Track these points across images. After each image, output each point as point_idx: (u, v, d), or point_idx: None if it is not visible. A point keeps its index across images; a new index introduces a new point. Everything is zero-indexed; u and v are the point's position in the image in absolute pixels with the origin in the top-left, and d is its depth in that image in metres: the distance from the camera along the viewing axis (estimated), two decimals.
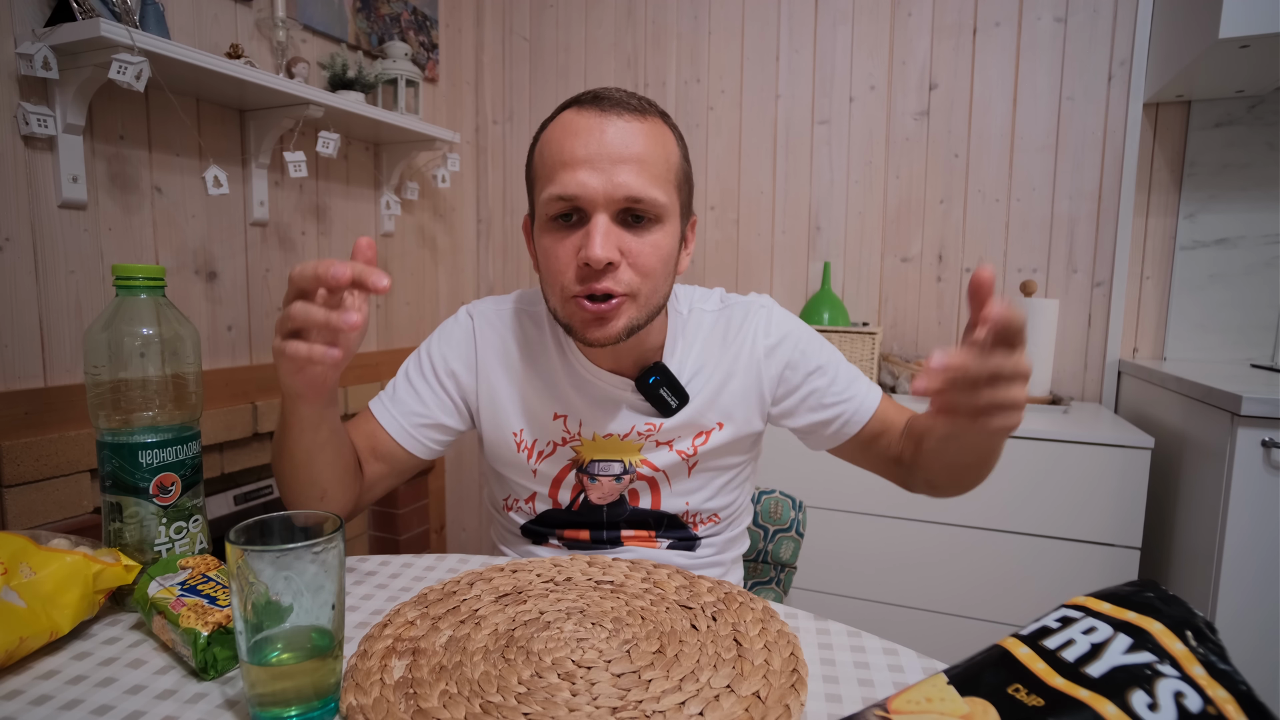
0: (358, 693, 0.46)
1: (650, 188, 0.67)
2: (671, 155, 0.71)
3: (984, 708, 0.32)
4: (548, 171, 0.69)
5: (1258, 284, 1.57)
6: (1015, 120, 1.70)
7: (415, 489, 2.04)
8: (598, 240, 0.65)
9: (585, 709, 0.45)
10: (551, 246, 0.70)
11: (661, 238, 0.70)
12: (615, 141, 0.66)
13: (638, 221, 0.68)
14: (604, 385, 0.79)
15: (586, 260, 0.66)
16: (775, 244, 1.93)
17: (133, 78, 1.12)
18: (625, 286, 0.68)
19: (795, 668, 0.50)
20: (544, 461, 0.81)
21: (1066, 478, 1.32)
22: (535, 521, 0.85)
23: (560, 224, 0.69)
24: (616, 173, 0.66)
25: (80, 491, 1.17)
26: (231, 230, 1.53)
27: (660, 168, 0.69)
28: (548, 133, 0.71)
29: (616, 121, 0.67)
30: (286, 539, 0.46)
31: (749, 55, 1.91)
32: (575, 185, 0.66)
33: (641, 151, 0.67)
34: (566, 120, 0.69)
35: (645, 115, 0.69)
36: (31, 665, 0.50)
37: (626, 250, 0.68)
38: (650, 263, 0.69)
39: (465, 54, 2.18)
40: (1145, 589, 0.35)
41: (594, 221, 0.66)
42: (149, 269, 0.60)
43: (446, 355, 0.83)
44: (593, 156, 0.66)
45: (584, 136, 0.67)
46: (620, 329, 0.70)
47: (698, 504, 0.83)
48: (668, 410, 0.79)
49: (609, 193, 0.66)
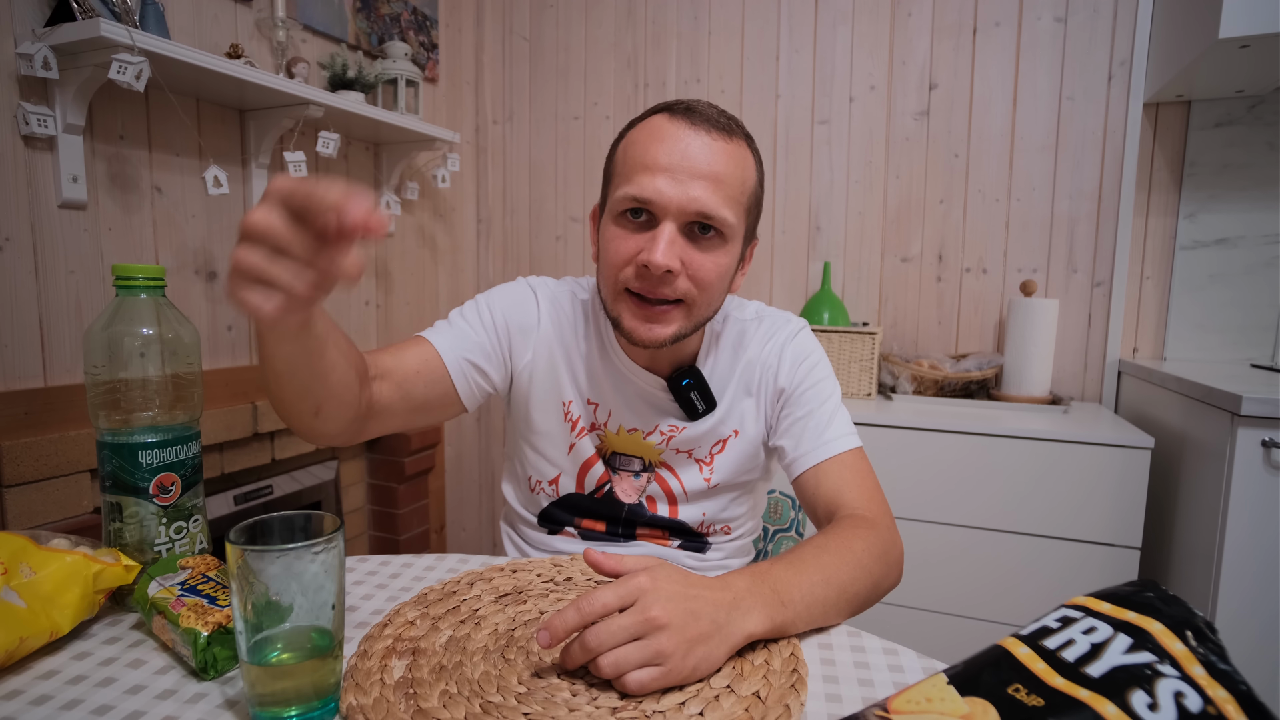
0: (358, 693, 0.46)
1: (722, 207, 0.68)
2: (748, 179, 0.72)
3: (984, 708, 0.32)
4: (628, 171, 0.70)
5: (1258, 284, 1.57)
6: (1015, 120, 1.70)
7: (415, 489, 2.04)
8: (661, 247, 0.67)
9: (585, 709, 0.45)
10: (615, 239, 0.71)
11: (723, 255, 0.71)
12: (697, 156, 0.67)
13: (704, 233, 0.69)
14: (637, 381, 0.81)
15: (646, 263, 0.67)
16: (775, 244, 1.93)
17: (133, 78, 1.12)
18: (680, 294, 0.70)
19: (795, 668, 0.50)
20: (582, 438, 0.83)
21: (1066, 478, 1.32)
22: (557, 504, 0.85)
23: (629, 219, 0.70)
24: (693, 186, 0.67)
25: (80, 491, 1.17)
26: (231, 230, 1.53)
27: (735, 189, 0.70)
28: (635, 132, 0.72)
29: (703, 136, 0.68)
30: (286, 539, 0.46)
31: (749, 55, 1.91)
32: (652, 190, 0.67)
33: (721, 170, 0.68)
34: (655, 124, 0.70)
35: (731, 136, 0.70)
36: (31, 665, 0.50)
37: (688, 261, 0.69)
38: (708, 277, 0.70)
39: (465, 54, 2.18)
40: (1145, 589, 0.35)
41: (661, 227, 0.68)
42: (149, 269, 0.60)
43: (507, 313, 0.82)
44: (674, 166, 0.67)
45: (669, 144, 0.68)
46: (668, 335, 0.72)
47: (713, 515, 0.84)
48: (695, 413, 0.80)
49: (682, 204, 0.67)
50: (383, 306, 1.99)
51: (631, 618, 0.47)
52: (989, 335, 1.77)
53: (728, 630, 0.50)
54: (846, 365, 1.66)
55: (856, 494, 0.73)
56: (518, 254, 2.21)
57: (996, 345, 1.76)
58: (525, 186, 2.17)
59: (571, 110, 2.09)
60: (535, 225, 2.17)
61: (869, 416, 1.44)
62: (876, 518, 0.70)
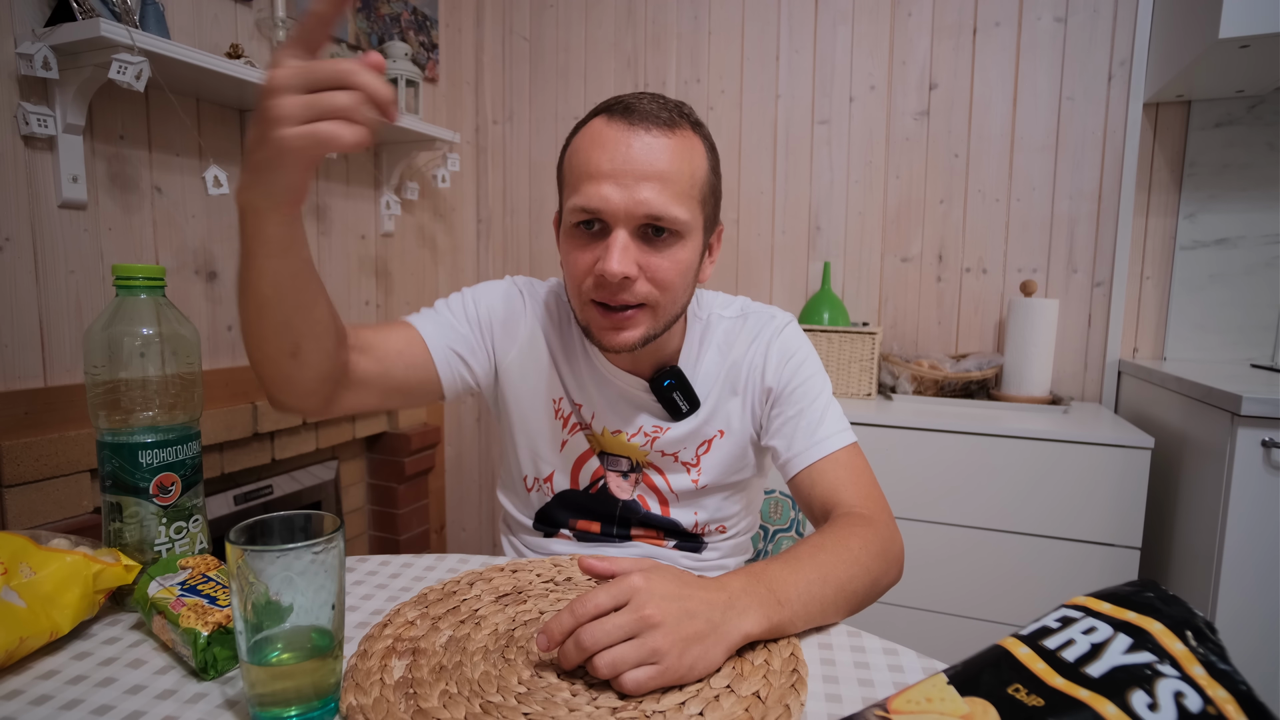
0: (358, 693, 0.46)
1: (671, 205, 0.67)
2: (698, 170, 0.70)
3: (984, 708, 0.32)
4: (574, 180, 0.70)
5: (1258, 284, 1.57)
6: (1015, 120, 1.70)
7: (415, 489, 2.04)
8: (615, 255, 0.66)
9: (585, 709, 0.45)
10: (573, 252, 0.71)
11: (681, 252, 0.70)
12: (640, 158, 0.66)
13: (658, 235, 0.69)
14: (619, 384, 0.81)
15: (602, 273, 0.67)
16: (775, 244, 1.93)
17: (133, 78, 1.12)
18: (641, 299, 0.69)
19: (795, 668, 0.50)
20: (574, 434, 0.83)
21: (1066, 478, 1.32)
22: (552, 504, 0.85)
23: (583, 231, 0.70)
24: (639, 189, 0.66)
25: (80, 491, 1.16)
26: (231, 230, 1.53)
27: (684, 184, 0.68)
28: (577, 139, 0.71)
29: (644, 136, 0.67)
30: (286, 539, 0.46)
31: (749, 55, 1.91)
32: (598, 199, 0.66)
33: (665, 169, 0.67)
34: (595, 130, 0.69)
35: (674, 129, 0.69)
36: (31, 665, 0.50)
37: (645, 265, 0.69)
38: (668, 277, 0.70)
39: (465, 54, 2.18)
40: (1145, 589, 0.35)
41: (613, 236, 0.67)
42: (149, 269, 0.60)
43: (491, 308, 0.82)
44: (617, 171, 0.66)
45: (609, 150, 0.67)
46: (636, 338, 0.71)
47: (707, 515, 0.84)
48: (678, 413, 0.80)
49: (630, 209, 0.66)
50: (382, 306, 1.99)
51: (625, 616, 0.47)
52: (989, 335, 1.77)
53: (724, 630, 0.49)
54: (846, 365, 1.66)
55: (853, 492, 0.72)
56: (518, 254, 2.21)
57: (996, 345, 1.76)
58: (525, 186, 2.17)
59: (571, 110, 2.09)
60: (535, 225, 2.17)
61: (869, 416, 1.44)
62: (874, 514, 0.69)
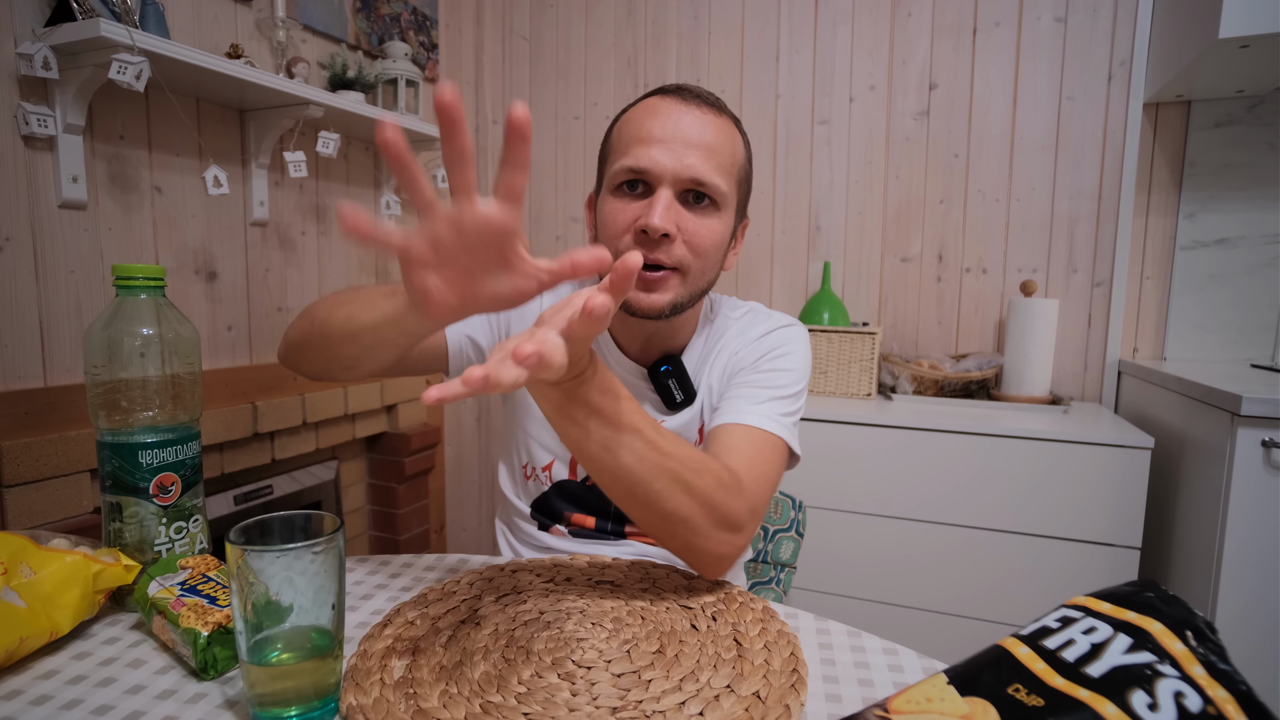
0: (358, 693, 0.46)
1: (715, 174, 0.71)
2: (738, 152, 0.75)
3: (984, 708, 0.32)
4: (624, 145, 0.73)
5: (1258, 284, 1.57)
6: (1015, 120, 1.70)
7: (415, 489, 2.04)
8: (659, 210, 0.69)
9: (585, 709, 0.45)
10: (613, 210, 0.73)
11: (717, 223, 0.73)
12: (690, 128, 0.71)
13: (698, 202, 0.72)
14: (618, 370, 0.82)
15: (644, 227, 0.69)
16: (775, 244, 1.93)
17: (133, 78, 1.12)
18: (676, 261, 0.72)
19: (795, 668, 0.50)
20: None
21: (1066, 478, 1.32)
22: (549, 493, 0.85)
23: (625, 191, 0.73)
24: (686, 155, 0.70)
25: (80, 491, 1.16)
26: (231, 230, 1.53)
27: (726, 160, 0.73)
28: (630, 113, 0.75)
29: (694, 111, 0.72)
30: (286, 539, 0.46)
31: (749, 55, 1.91)
32: (647, 159, 0.70)
33: (712, 141, 0.72)
34: (649, 103, 0.74)
35: (720, 113, 0.74)
36: (31, 665, 0.50)
37: (683, 227, 0.71)
38: (704, 244, 0.72)
39: (465, 54, 2.18)
40: (1145, 589, 0.35)
41: (658, 194, 0.70)
42: (149, 269, 0.60)
43: None
44: (667, 137, 0.70)
45: (662, 118, 0.71)
46: (665, 302, 0.73)
47: None
48: (673, 403, 0.80)
49: (677, 171, 0.70)
50: None
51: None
52: (989, 335, 1.77)
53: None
54: (846, 365, 1.66)
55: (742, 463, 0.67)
56: None
57: (996, 345, 1.76)
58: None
59: (571, 110, 2.09)
60: (535, 225, 2.17)
61: (869, 417, 1.44)
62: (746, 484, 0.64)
